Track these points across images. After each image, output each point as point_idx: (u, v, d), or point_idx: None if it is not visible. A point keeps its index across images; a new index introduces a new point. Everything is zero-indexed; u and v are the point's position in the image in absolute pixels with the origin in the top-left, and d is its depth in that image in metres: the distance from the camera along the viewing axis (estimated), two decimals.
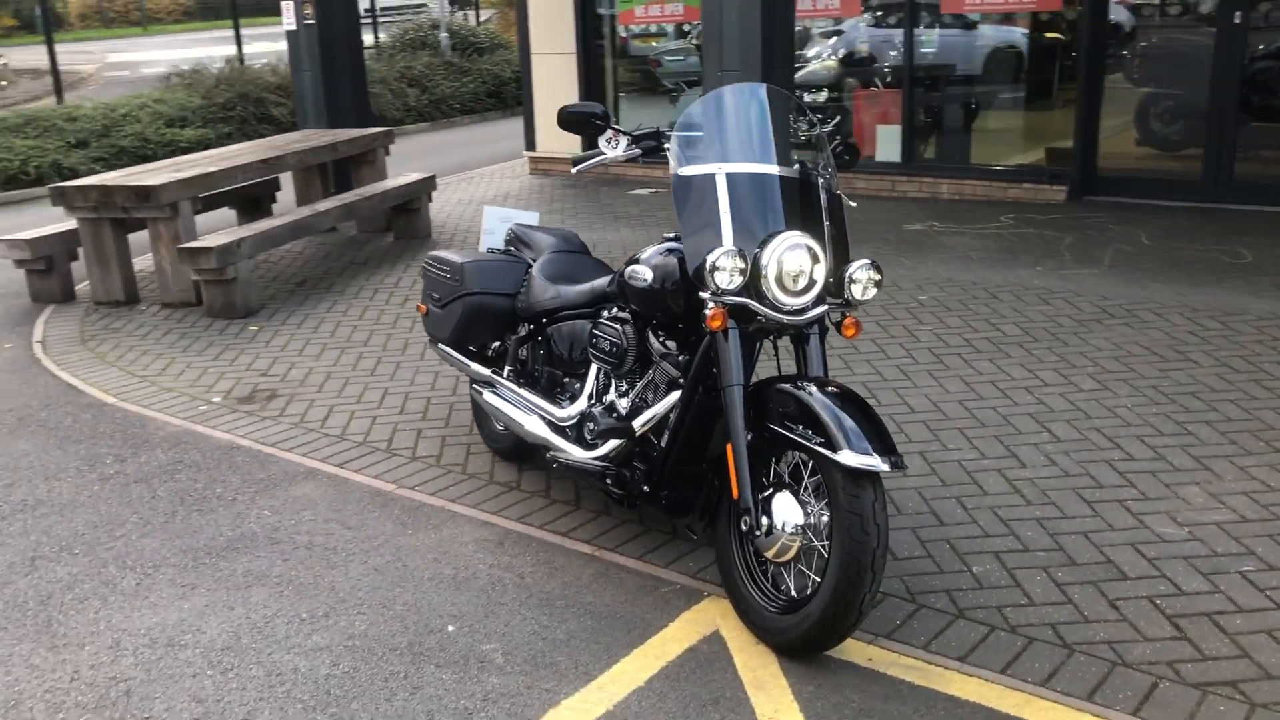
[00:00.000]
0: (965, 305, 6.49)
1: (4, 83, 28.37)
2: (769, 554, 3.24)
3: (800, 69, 11.06)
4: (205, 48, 22.26)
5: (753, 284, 3.28)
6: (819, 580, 3.11)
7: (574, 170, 3.72)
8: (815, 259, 3.32)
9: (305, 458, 4.81)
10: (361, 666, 3.26)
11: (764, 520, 3.20)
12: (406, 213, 9.07)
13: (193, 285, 7.21)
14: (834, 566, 3.02)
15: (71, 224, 7.54)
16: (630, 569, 3.77)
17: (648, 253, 3.65)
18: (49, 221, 8.23)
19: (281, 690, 3.15)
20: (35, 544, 4.12)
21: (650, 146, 3.63)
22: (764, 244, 3.28)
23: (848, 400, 3.15)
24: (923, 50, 9.98)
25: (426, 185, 9.17)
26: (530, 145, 12.32)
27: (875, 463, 2.98)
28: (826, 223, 3.49)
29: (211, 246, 6.83)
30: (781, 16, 7.54)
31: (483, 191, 11.22)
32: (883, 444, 3.04)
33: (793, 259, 3.28)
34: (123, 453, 4.96)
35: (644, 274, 3.57)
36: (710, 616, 3.46)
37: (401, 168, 10.32)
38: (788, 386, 3.22)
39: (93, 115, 13.73)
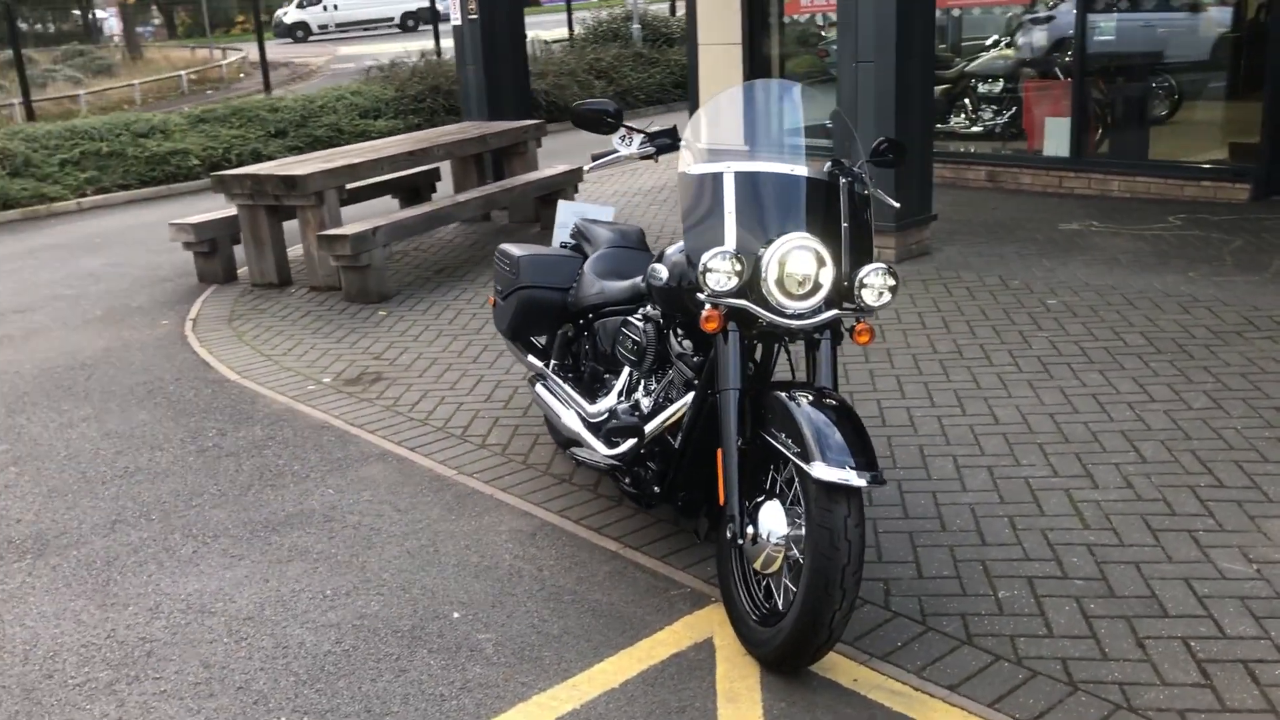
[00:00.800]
0: (1094, 312, 6.10)
1: (241, 75, 30.60)
2: (755, 564, 3.16)
3: (975, 59, 10.65)
4: (427, 41, 23.21)
5: (753, 286, 3.20)
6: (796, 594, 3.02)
7: (587, 170, 3.73)
8: (821, 262, 3.20)
9: (384, 439, 5.00)
10: (361, 646, 3.37)
11: (749, 529, 3.12)
12: (551, 204, 9.25)
13: (336, 270, 7.59)
14: (804, 581, 2.92)
15: (233, 210, 8.07)
16: (647, 569, 3.75)
17: (670, 250, 3.61)
18: None
19: (281, 663, 3.31)
20: (121, 508, 4.45)
21: (664, 145, 3.59)
22: (768, 245, 3.19)
23: (835, 412, 3.03)
24: (1097, 37, 9.40)
25: (571, 177, 9.33)
26: None
27: (849, 477, 2.86)
28: (845, 225, 3.36)
29: (347, 234, 7.17)
30: (921, 7, 7.28)
31: (641, 183, 11.31)
32: (864, 459, 2.91)
33: (796, 261, 3.18)
34: (225, 427, 5.29)
35: (661, 272, 3.54)
36: (709, 623, 3.40)
37: (571, 158, 10.48)
38: (780, 393, 3.12)
39: (292, 107, 14.63)
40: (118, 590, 3.80)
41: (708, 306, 3.21)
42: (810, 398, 3.08)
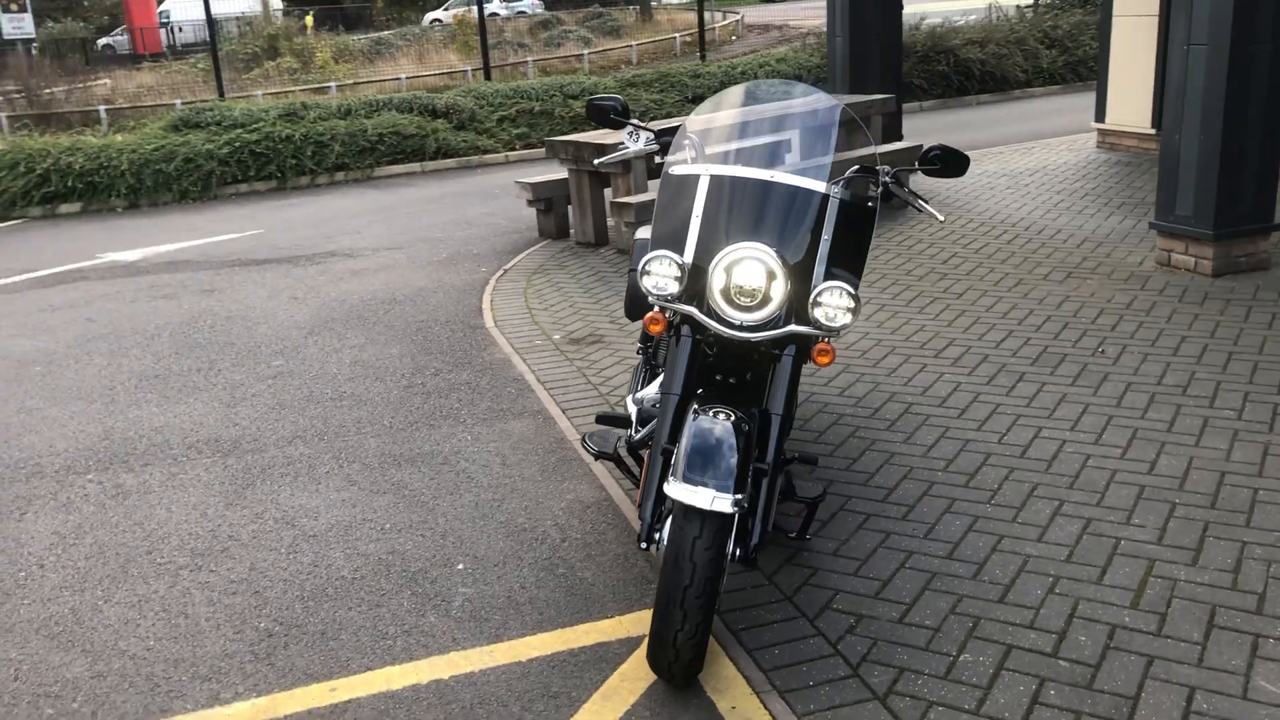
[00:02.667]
0: None
1: (734, 37, 32.01)
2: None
3: None
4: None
5: (700, 293, 3.14)
6: None
7: (597, 163, 3.76)
8: (772, 275, 3.07)
9: (550, 398, 5.36)
10: (367, 577, 3.78)
11: (656, 535, 3.10)
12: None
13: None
14: (656, 598, 2.88)
15: (565, 173, 8.78)
16: (658, 561, 3.79)
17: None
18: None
19: (302, 577, 3.81)
20: (308, 427, 5.21)
21: (668, 143, 3.54)
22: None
23: (726, 432, 2.92)
24: None
25: (909, 154, 9.00)
26: (1100, 116, 11.26)
27: (696, 497, 2.77)
28: (826, 238, 3.17)
29: (632, 203, 7.57)
30: None
31: (1028, 163, 10.58)
32: (731, 486, 2.79)
33: (742, 272, 3.08)
34: (444, 368, 5.93)
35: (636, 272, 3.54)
36: None
37: (980, 133, 9.99)
38: (695, 405, 3.06)
39: (713, 73, 15.26)
40: (247, 495, 4.51)
41: (655, 309, 3.20)
42: (714, 413, 2.98)
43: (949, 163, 3.45)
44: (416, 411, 5.31)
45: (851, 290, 3.06)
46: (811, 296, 3.08)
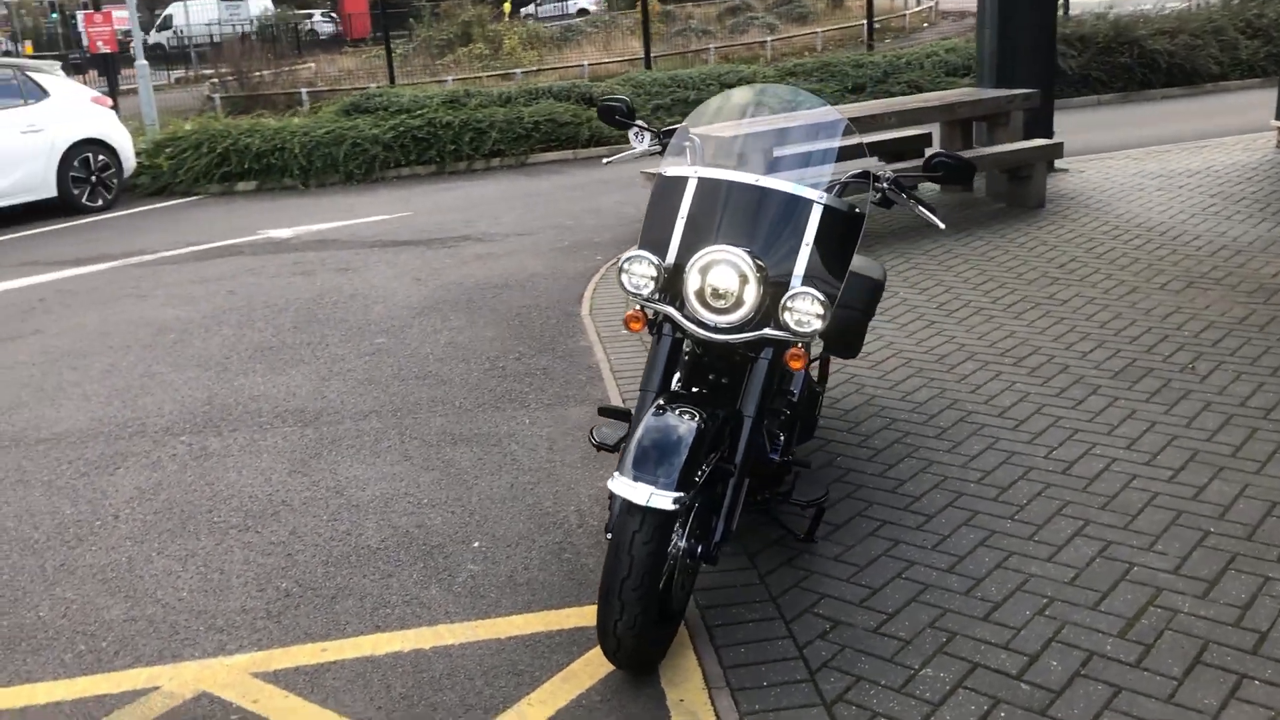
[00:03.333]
0: None
1: (925, 24, 31.23)
2: None
3: None
4: None
5: (678, 294, 3.21)
6: None
7: (604, 162, 3.82)
8: (745, 278, 3.10)
9: (616, 386, 5.48)
10: (389, 548, 4.00)
11: None
12: (1018, 180, 8.71)
13: None
14: (599, 587, 2.96)
15: None
16: None
17: None
18: None
19: (333, 544, 4.06)
20: (387, 402, 5.50)
21: (669, 144, 3.59)
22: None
23: (678, 429, 2.97)
24: None
25: (1045, 152, 8.69)
26: None
27: (635, 493, 2.85)
28: (807, 244, 3.19)
29: None
30: None
31: (1192, 163, 10.00)
32: (675, 484, 2.85)
33: (716, 274, 3.13)
34: (528, 353, 6.13)
35: None
36: None
37: (1152, 129, 9.53)
38: (659, 402, 3.12)
39: (876, 62, 14.99)
40: (312, 464, 4.82)
41: (635, 306, 3.28)
42: (678, 411, 3.04)
43: (952, 170, 3.41)
44: (489, 394, 5.53)
45: (822, 297, 3.07)
46: (783, 301, 3.10)
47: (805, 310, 3.08)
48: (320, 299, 7.61)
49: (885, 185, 3.45)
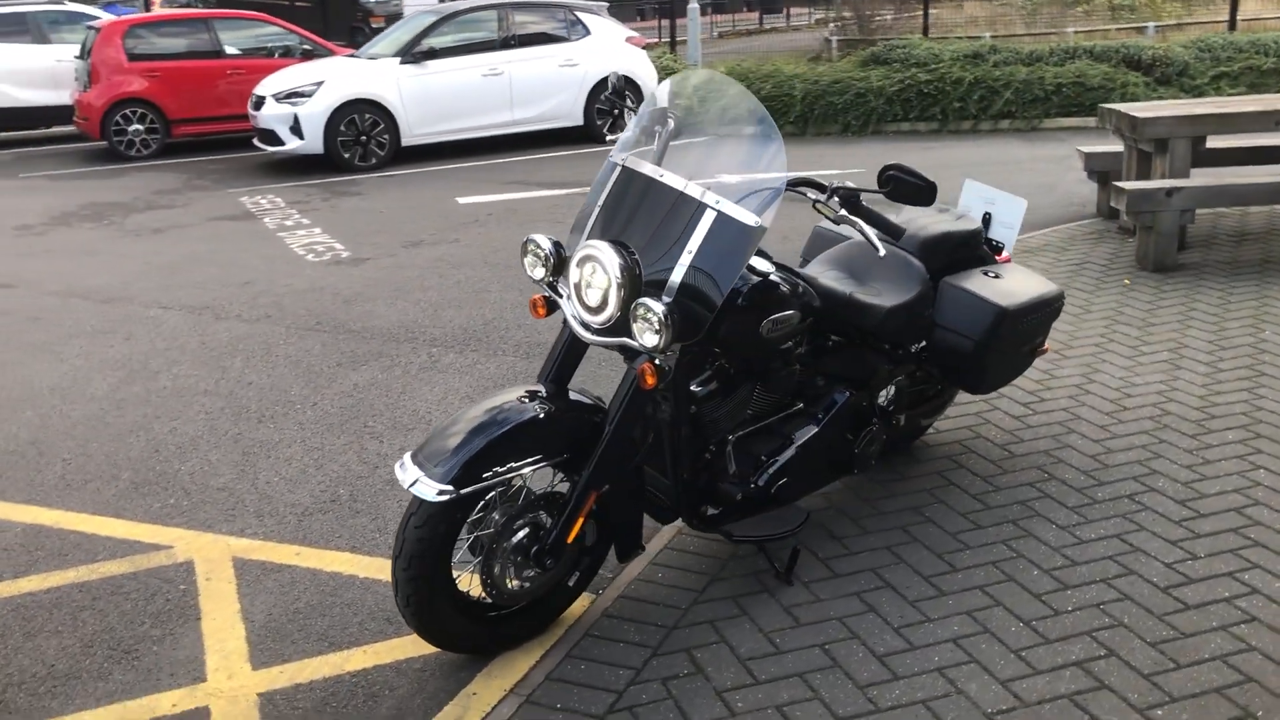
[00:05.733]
0: None
1: None
2: None
3: None
4: None
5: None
6: None
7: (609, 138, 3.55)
8: (608, 280, 2.90)
9: None
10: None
11: None
12: None
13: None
14: None
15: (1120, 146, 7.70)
16: None
17: None
18: None
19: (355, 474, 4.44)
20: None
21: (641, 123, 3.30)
22: None
23: (490, 422, 2.91)
24: None
25: None
26: None
27: (403, 475, 2.89)
28: (691, 250, 2.90)
29: (1127, 189, 6.49)
30: None
31: None
32: (452, 477, 2.80)
33: (589, 271, 2.98)
34: None
35: None
36: None
37: None
38: (520, 392, 3.07)
39: (1239, 45, 11.65)
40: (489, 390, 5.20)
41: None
42: (524, 401, 3.00)
43: (905, 188, 2.89)
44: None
45: (660, 310, 2.78)
46: (632, 308, 2.85)
47: (643, 320, 2.82)
48: None
49: (820, 198, 3.02)
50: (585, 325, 3.03)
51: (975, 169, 10.30)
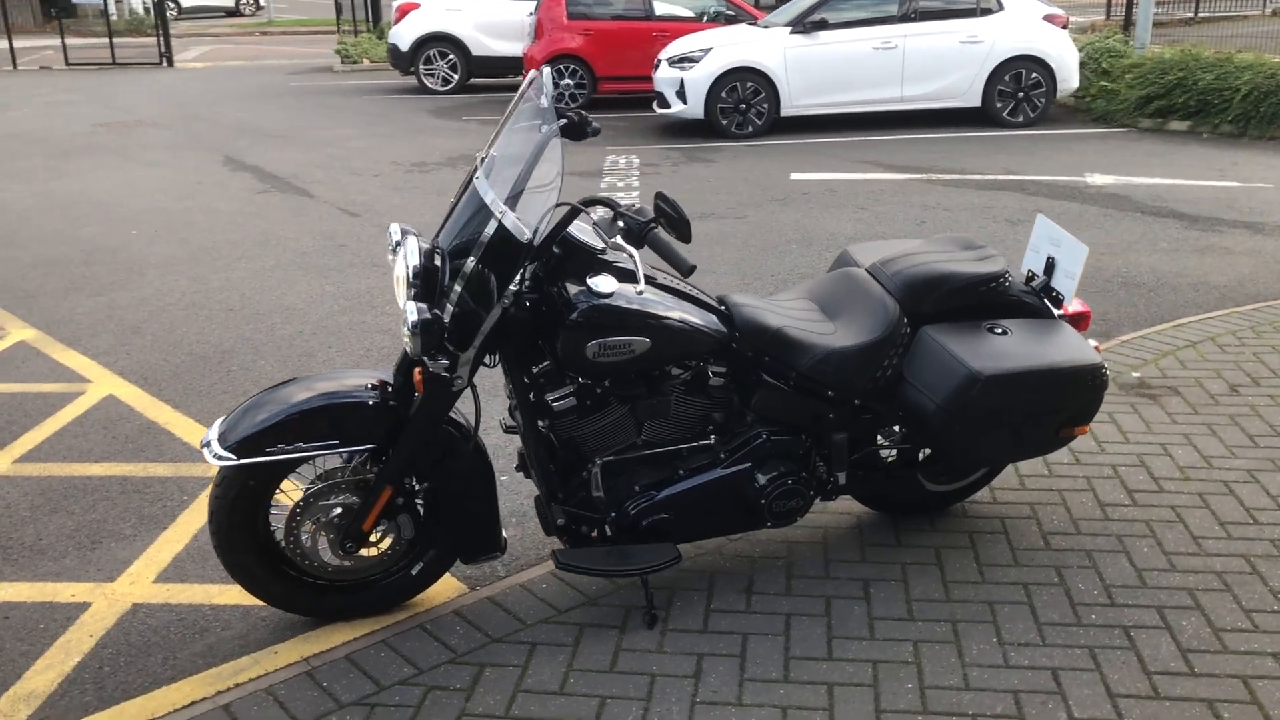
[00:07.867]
0: None
1: None
2: None
3: None
4: None
5: None
6: None
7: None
8: (399, 278, 2.90)
9: None
10: None
11: None
12: None
13: None
14: None
15: None
16: None
17: None
18: None
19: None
20: None
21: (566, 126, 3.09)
22: None
23: (299, 399, 3.02)
24: None
25: None
26: None
27: (204, 436, 3.01)
28: (474, 258, 2.82)
29: None
30: None
31: None
32: (237, 445, 2.92)
33: (397, 265, 2.94)
34: None
35: None
36: None
37: None
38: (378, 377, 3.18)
39: None
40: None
41: None
42: (366, 385, 3.07)
43: (665, 217, 2.59)
44: None
45: (415, 316, 2.73)
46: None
47: (404, 325, 2.78)
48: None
49: (592, 221, 2.77)
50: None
51: None
